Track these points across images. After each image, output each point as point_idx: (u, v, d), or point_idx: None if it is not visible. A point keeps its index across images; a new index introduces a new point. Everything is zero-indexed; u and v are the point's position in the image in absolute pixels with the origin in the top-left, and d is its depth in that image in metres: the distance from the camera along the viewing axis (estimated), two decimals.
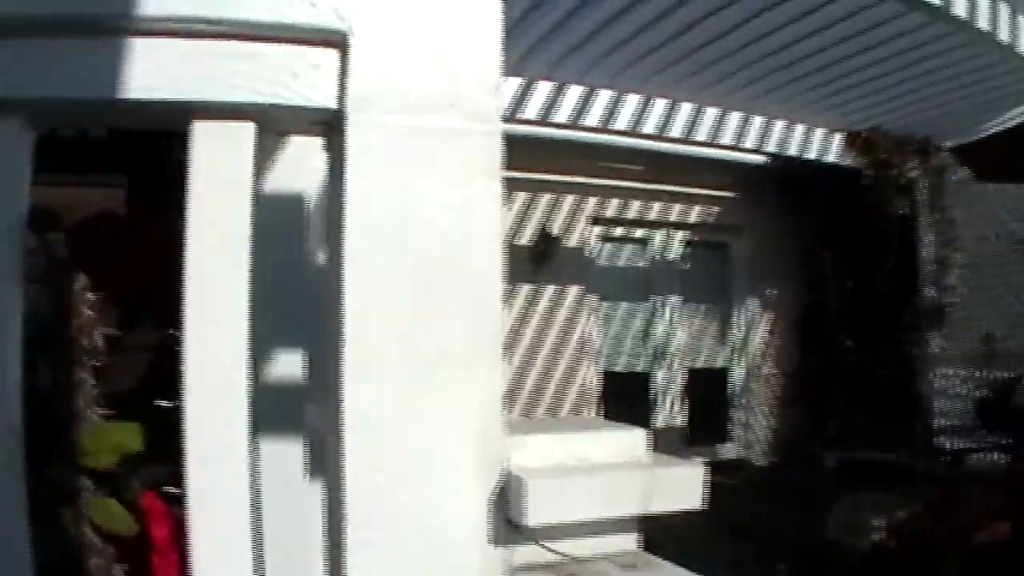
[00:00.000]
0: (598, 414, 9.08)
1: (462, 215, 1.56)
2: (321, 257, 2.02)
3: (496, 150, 1.57)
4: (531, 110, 7.63)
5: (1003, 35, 6.61)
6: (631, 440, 2.50)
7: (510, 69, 7.05)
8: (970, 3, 6.29)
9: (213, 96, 1.78)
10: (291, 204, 2.04)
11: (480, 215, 1.59)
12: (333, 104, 1.80)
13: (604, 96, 7.97)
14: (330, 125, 1.88)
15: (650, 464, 2.35)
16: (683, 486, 2.34)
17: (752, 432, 10.18)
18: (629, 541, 2.65)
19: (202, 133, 1.84)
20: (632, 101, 8.11)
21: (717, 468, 9.29)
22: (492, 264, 1.56)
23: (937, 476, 6.03)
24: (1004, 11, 6.56)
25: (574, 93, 7.84)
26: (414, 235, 1.57)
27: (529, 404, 8.68)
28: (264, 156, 1.96)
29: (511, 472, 1.73)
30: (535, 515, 1.78)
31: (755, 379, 10.24)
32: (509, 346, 8.53)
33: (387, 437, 1.66)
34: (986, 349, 8.75)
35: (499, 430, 1.61)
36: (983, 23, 6.38)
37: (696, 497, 2.35)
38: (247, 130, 1.87)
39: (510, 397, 8.46)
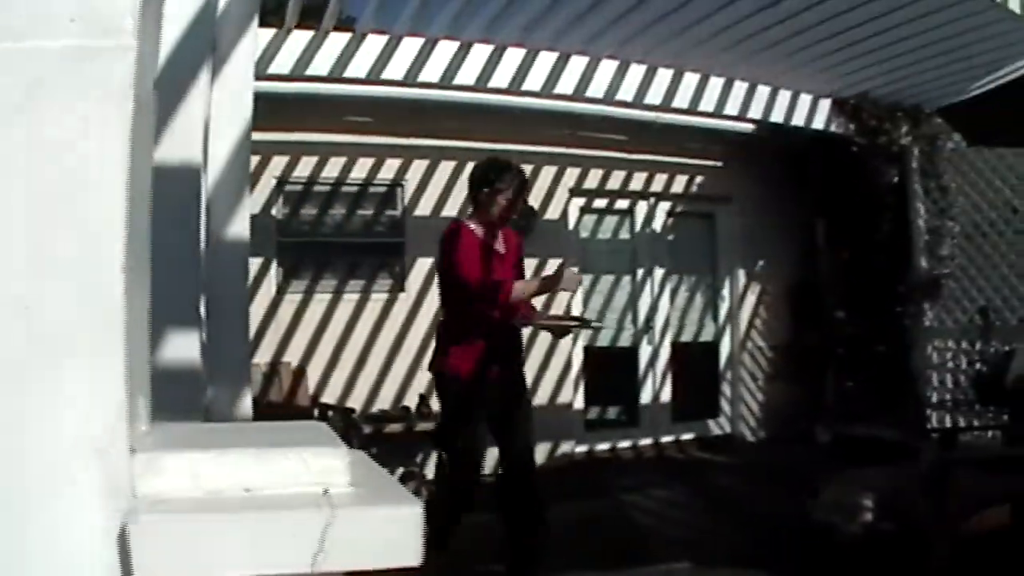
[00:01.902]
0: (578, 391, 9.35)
1: (77, 159, 1.26)
2: None
3: (129, 71, 1.27)
4: (502, 78, 7.69)
5: None
6: (325, 463, 1.99)
7: (478, 35, 7.30)
8: None
9: None
10: None
11: (98, 155, 1.27)
12: None
13: (578, 62, 8.00)
14: None
15: (345, 502, 1.87)
16: (388, 535, 1.83)
17: (741, 407, 10.40)
18: None
19: None
20: (608, 68, 8.14)
21: (705, 444, 9.49)
22: (111, 222, 1.24)
23: (931, 455, 5.83)
24: None
25: (547, 59, 7.87)
26: (19, 185, 1.26)
27: None
28: None
29: (134, 507, 1.29)
30: (143, 570, 1.31)
31: (744, 352, 10.44)
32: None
33: None
34: (982, 322, 8.81)
35: (122, 444, 1.26)
36: None
37: (409, 550, 1.92)
38: None
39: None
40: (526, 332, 8.84)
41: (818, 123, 9.43)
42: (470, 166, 8.51)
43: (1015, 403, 6.28)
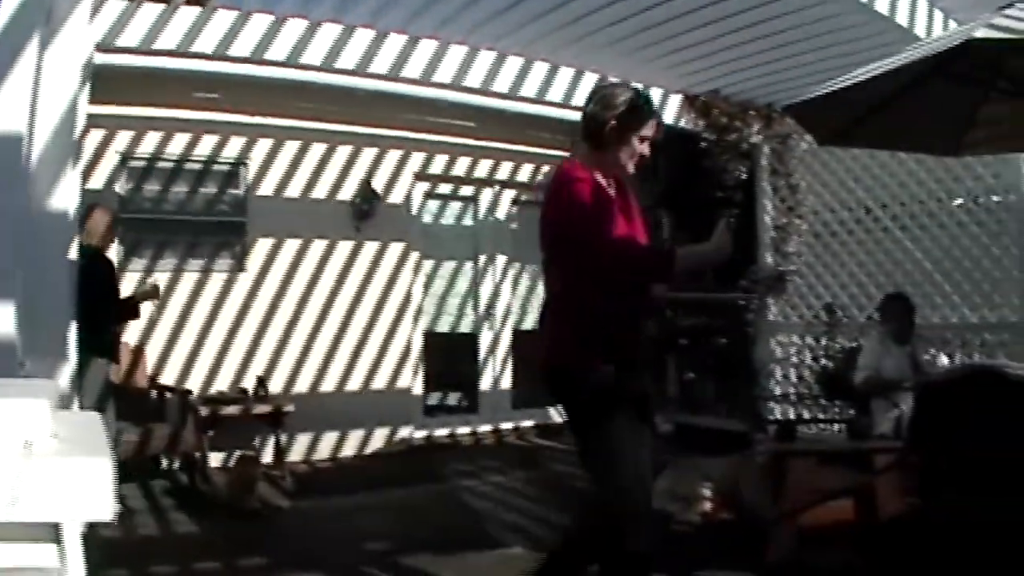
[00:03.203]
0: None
1: None
2: None
3: None
4: (349, 60, 7.74)
5: None
6: (30, 417, 1.91)
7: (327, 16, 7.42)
8: None
9: None
10: None
11: None
12: None
13: (428, 46, 8.10)
14: None
15: (43, 453, 1.83)
16: (83, 488, 1.80)
17: None
18: (45, 555, 1.90)
19: None
20: (457, 53, 8.28)
21: (545, 431, 9.80)
22: None
23: (770, 446, 6.00)
24: None
25: (396, 42, 7.94)
26: None
27: (349, 365, 9.15)
28: None
29: None
30: None
31: None
32: (326, 304, 9.05)
33: None
34: (828, 318, 9.19)
35: None
36: None
37: (102, 505, 1.82)
38: None
39: (327, 358, 9.01)
40: (360, 313, 9.26)
41: (667, 118, 9.71)
42: (316, 147, 8.86)
43: (859, 399, 6.62)
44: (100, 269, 6.48)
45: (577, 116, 9.18)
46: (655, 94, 9.57)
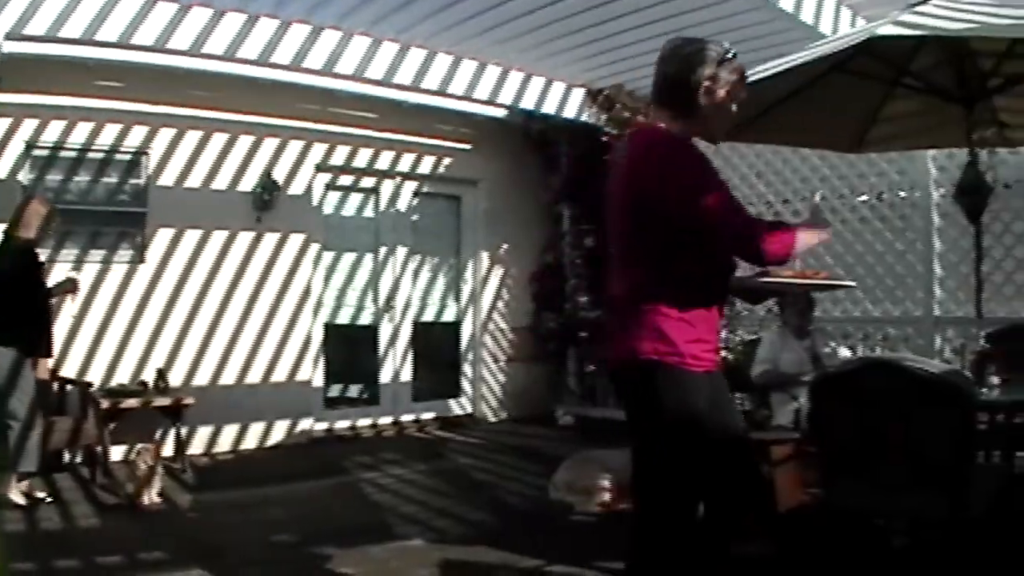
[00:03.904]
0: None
1: None
2: None
3: None
4: (252, 49, 7.86)
5: None
6: None
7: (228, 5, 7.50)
8: None
9: None
10: None
11: None
12: None
13: (331, 37, 8.25)
14: None
15: None
16: None
17: (483, 388, 11.10)
18: None
19: None
20: (360, 44, 8.44)
21: (446, 423, 10.01)
22: None
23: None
24: None
25: (299, 32, 8.08)
26: None
27: (249, 357, 9.22)
28: None
29: None
30: None
31: (486, 334, 11.16)
32: (226, 296, 9.11)
33: None
34: (729, 310, 9.30)
35: None
36: None
37: None
38: None
39: (228, 350, 9.09)
40: (261, 304, 9.34)
41: (570, 111, 10.14)
42: (218, 137, 8.94)
43: (758, 391, 6.71)
44: (28, 262, 6.45)
45: (479, 109, 9.60)
46: (557, 88, 9.91)
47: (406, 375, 10.60)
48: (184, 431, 8.13)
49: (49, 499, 6.54)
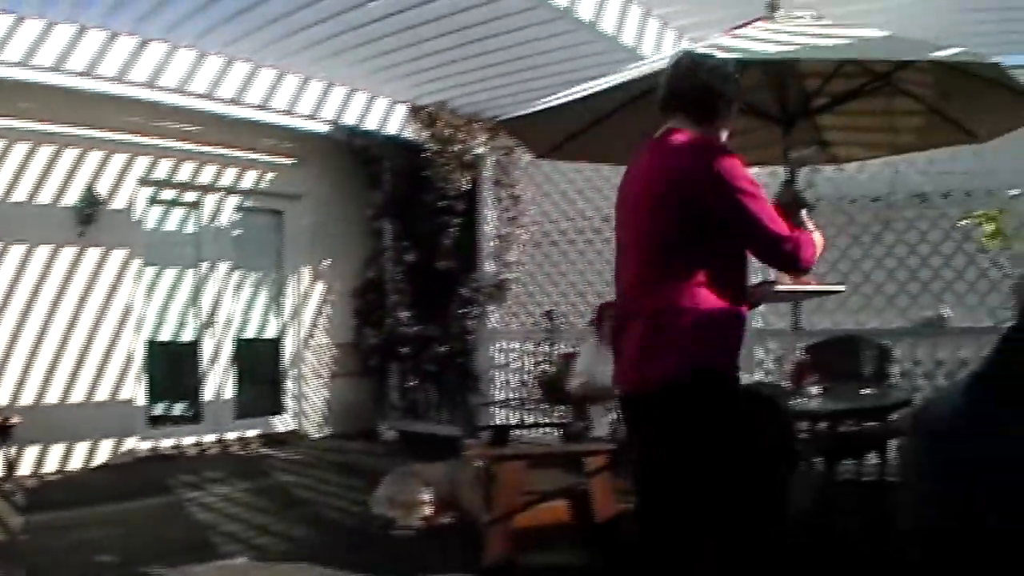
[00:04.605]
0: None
1: None
2: None
3: None
4: (78, 61, 7.85)
5: (585, 14, 7.15)
6: None
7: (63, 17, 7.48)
8: None
9: None
10: None
11: None
12: None
13: (156, 50, 8.27)
14: None
15: None
16: None
17: (306, 404, 11.28)
18: None
19: None
20: (185, 57, 8.50)
21: (270, 440, 10.16)
22: None
23: (478, 451, 6.18)
24: None
25: (125, 45, 8.08)
26: None
27: (73, 375, 9.15)
28: None
29: None
30: None
31: (308, 350, 11.34)
32: (50, 313, 9.03)
33: None
34: (548, 324, 9.85)
35: None
36: (560, 1, 6.94)
37: None
38: None
39: (52, 368, 9.00)
40: (82, 321, 9.26)
41: (392, 128, 10.39)
42: (44, 149, 8.88)
43: (575, 403, 6.93)
44: None
45: (302, 124, 9.77)
46: (380, 104, 10.16)
47: (229, 392, 10.65)
48: (12, 451, 8.06)
49: None
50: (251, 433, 10.71)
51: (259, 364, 11.16)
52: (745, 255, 3.45)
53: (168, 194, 10.29)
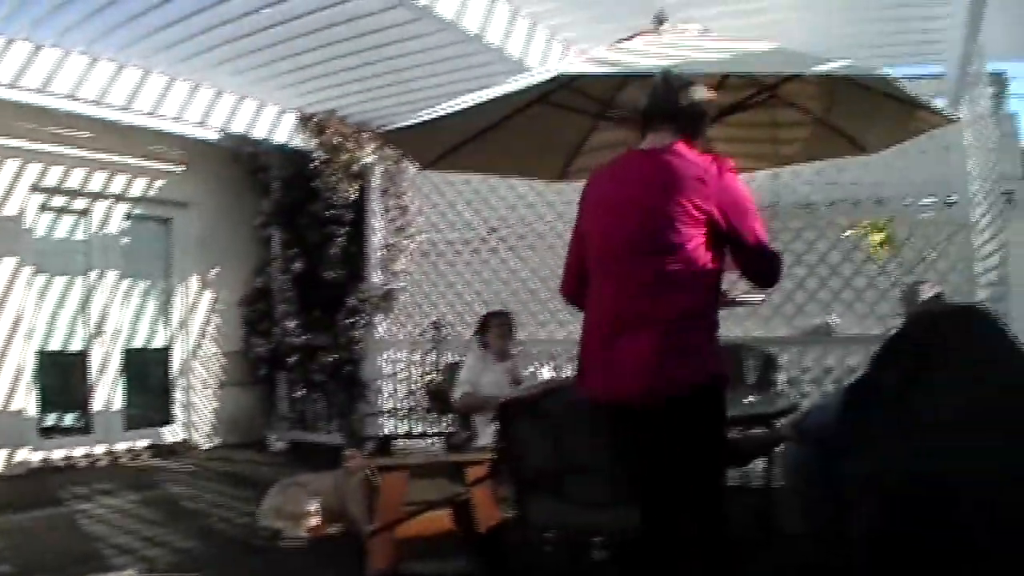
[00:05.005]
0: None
1: None
2: None
3: None
4: None
5: (471, 25, 7.30)
6: None
7: None
8: None
9: None
10: None
11: None
12: None
13: (49, 55, 8.27)
14: None
15: None
16: None
17: (195, 414, 11.29)
18: None
19: None
20: (77, 63, 8.50)
21: (159, 451, 10.16)
22: None
23: (359, 461, 6.19)
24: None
25: (18, 51, 8.08)
26: None
27: None
28: None
29: None
30: None
31: (196, 359, 11.37)
32: None
33: None
34: (435, 334, 10.03)
35: None
36: (446, 12, 7.04)
37: None
38: None
39: None
40: None
41: (281, 136, 10.58)
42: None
43: (459, 413, 6.98)
44: None
45: (191, 131, 9.95)
46: (269, 112, 10.33)
47: (118, 403, 10.62)
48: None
49: None
50: (141, 444, 10.65)
51: (148, 374, 11.15)
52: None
53: (59, 201, 10.22)
